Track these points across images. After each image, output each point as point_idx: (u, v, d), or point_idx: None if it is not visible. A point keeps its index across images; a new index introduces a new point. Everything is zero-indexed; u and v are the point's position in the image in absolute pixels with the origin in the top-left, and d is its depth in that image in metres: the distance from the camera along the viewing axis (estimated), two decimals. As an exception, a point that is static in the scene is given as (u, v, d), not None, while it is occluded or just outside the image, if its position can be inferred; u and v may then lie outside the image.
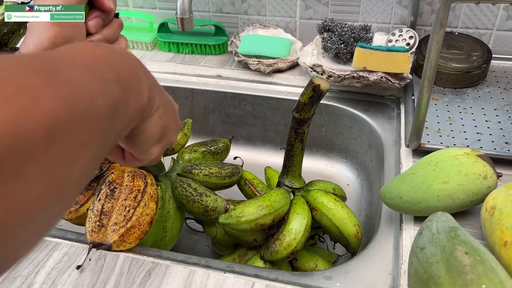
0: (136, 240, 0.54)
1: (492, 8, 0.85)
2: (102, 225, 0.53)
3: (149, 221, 0.54)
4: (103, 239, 0.53)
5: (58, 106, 0.21)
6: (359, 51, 0.75)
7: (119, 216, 0.53)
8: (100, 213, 0.54)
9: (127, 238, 0.53)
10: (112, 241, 0.53)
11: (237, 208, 0.57)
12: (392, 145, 0.74)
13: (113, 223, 0.53)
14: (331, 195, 0.62)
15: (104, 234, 0.53)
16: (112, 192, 0.56)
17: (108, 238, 0.53)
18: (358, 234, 0.60)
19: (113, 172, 0.59)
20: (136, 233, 0.53)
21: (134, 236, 0.53)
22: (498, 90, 0.79)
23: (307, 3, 0.92)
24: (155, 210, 0.56)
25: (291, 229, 0.57)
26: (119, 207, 0.54)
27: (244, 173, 0.72)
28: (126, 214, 0.53)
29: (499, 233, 0.46)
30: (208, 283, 0.53)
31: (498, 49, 0.88)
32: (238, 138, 0.96)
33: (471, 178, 0.53)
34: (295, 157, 0.60)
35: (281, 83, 0.88)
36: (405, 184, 0.55)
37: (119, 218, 0.53)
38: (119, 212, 0.54)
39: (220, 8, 0.98)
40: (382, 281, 0.53)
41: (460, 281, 0.39)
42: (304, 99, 0.54)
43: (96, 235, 0.53)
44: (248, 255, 0.67)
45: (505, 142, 0.67)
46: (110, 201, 0.55)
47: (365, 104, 0.83)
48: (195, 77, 0.92)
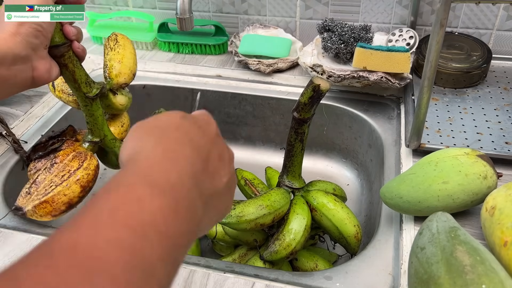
0: (47, 215, 0.55)
1: (492, 8, 0.85)
2: (29, 193, 0.55)
3: (65, 201, 0.55)
4: (24, 205, 0.55)
5: None
6: (359, 51, 0.75)
7: (42, 189, 0.55)
8: (32, 182, 0.56)
9: (38, 211, 0.54)
10: (26, 209, 0.55)
11: (237, 207, 0.57)
12: (392, 145, 0.74)
13: (35, 194, 0.55)
14: (331, 196, 0.62)
15: (27, 201, 0.55)
16: (51, 166, 0.57)
17: (26, 206, 0.55)
18: (357, 234, 0.60)
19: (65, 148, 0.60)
20: (47, 209, 0.54)
21: (44, 210, 0.54)
22: (498, 90, 0.79)
23: (307, 3, 0.92)
24: (77, 194, 0.56)
25: (290, 229, 0.57)
26: (48, 181, 0.56)
27: (244, 173, 0.72)
28: (47, 188, 0.55)
29: (499, 233, 0.46)
30: (208, 283, 0.53)
31: (498, 49, 0.88)
32: (238, 138, 0.96)
33: (471, 178, 0.53)
34: (295, 157, 0.60)
35: (281, 83, 0.88)
36: (405, 184, 0.55)
37: (40, 191, 0.55)
38: (44, 185, 0.55)
39: (220, 8, 0.98)
40: (382, 281, 0.53)
41: (460, 281, 0.39)
42: (304, 99, 0.54)
43: (21, 200, 0.55)
44: (248, 255, 0.67)
45: (505, 142, 0.67)
46: (45, 173, 0.57)
47: (365, 104, 0.83)
48: (195, 77, 0.92)
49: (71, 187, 0.55)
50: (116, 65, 0.63)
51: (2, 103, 0.85)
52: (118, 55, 0.63)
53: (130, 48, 0.66)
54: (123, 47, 0.65)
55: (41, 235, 0.60)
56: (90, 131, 0.60)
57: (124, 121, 0.69)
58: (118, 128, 0.67)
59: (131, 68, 0.64)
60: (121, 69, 0.63)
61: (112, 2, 1.03)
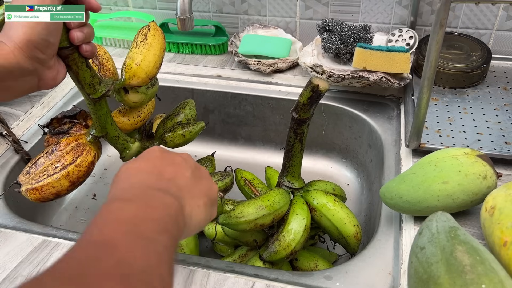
0: (36, 200, 0.57)
1: (492, 8, 0.85)
2: (29, 172, 0.58)
3: (53, 192, 0.57)
4: (22, 183, 0.57)
5: None
6: (359, 51, 0.75)
7: (37, 174, 0.57)
8: (34, 163, 0.58)
9: (29, 195, 0.57)
10: (21, 189, 0.57)
11: (237, 208, 0.57)
12: (392, 145, 0.74)
13: (31, 177, 0.57)
14: (330, 196, 0.62)
15: (24, 181, 0.57)
16: (52, 152, 0.59)
17: (22, 185, 0.57)
18: (357, 234, 0.60)
19: (69, 136, 0.61)
20: (36, 195, 0.57)
21: (34, 196, 0.57)
22: (498, 90, 0.79)
23: (307, 3, 0.92)
24: (65, 187, 0.57)
25: (290, 230, 0.57)
26: (44, 168, 0.58)
27: (244, 173, 0.72)
28: (41, 176, 0.57)
29: (499, 233, 0.46)
30: (208, 283, 0.53)
31: (498, 49, 0.88)
32: (238, 138, 0.96)
33: (471, 178, 0.53)
34: (294, 157, 0.60)
35: (281, 83, 0.88)
36: (405, 184, 0.55)
37: (35, 176, 0.57)
38: (40, 171, 0.57)
39: (220, 8, 0.98)
40: (382, 281, 0.53)
41: (460, 281, 0.39)
42: (303, 100, 0.54)
43: (22, 177, 0.58)
44: (248, 256, 0.67)
45: (505, 142, 0.67)
46: (45, 158, 0.59)
47: (365, 104, 0.83)
48: (195, 77, 0.92)
49: (60, 181, 0.56)
50: (133, 66, 0.59)
51: (2, 103, 0.85)
52: (139, 55, 0.59)
53: (156, 49, 0.61)
54: (148, 47, 0.60)
55: (41, 235, 0.60)
56: (94, 126, 0.60)
57: (143, 111, 0.67)
58: (133, 119, 0.65)
59: (148, 73, 0.60)
60: (136, 71, 0.59)
61: (112, 2, 1.03)
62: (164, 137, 0.68)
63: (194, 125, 0.69)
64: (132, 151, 0.65)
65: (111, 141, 0.62)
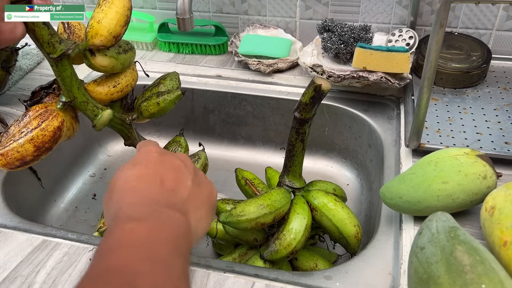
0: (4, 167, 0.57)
1: (492, 8, 0.85)
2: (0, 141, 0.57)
3: (18, 158, 0.56)
4: None
5: None
6: (359, 51, 0.75)
7: (6, 141, 0.57)
8: (6, 130, 0.59)
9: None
10: None
11: (238, 207, 0.57)
12: (392, 145, 0.74)
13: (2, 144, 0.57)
14: (331, 196, 0.62)
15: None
16: (21, 119, 0.59)
17: None
18: (358, 234, 0.60)
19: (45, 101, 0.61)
20: (3, 161, 0.56)
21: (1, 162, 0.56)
22: (498, 90, 0.79)
23: (307, 3, 0.92)
24: (30, 153, 0.56)
25: (291, 229, 0.57)
26: (12, 134, 0.57)
27: (245, 173, 0.72)
28: (8, 141, 0.57)
29: (499, 233, 0.46)
30: (208, 283, 0.53)
31: (498, 49, 0.88)
32: (238, 138, 0.96)
33: (471, 178, 0.53)
34: (295, 157, 0.60)
35: (281, 83, 0.89)
36: (405, 184, 0.55)
37: (4, 142, 0.57)
38: (9, 138, 0.57)
39: (220, 8, 0.98)
40: (382, 281, 0.53)
41: (460, 281, 0.39)
42: (305, 99, 0.54)
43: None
44: (248, 254, 0.67)
45: (504, 142, 0.67)
46: (15, 125, 0.58)
47: (365, 104, 0.83)
48: (195, 77, 0.92)
49: (24, 145, 0.56)
50: (95, 24, 0.57)
51: (2, 103, 0.85)
52: (100, 14, 0.57)
53: (119, 6, 0.58)
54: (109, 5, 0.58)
55: (41, 235, 0.60)
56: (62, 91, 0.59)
57: (121, 81, 0.64)
58: (108, 89, 0.62)
59: (111, 30, 0.57)
60: (98, 29, 0.56)
61: (112, 2, 1.03)
62: (140, 107, 0.65)
63: (169, 93, 0.66)
64: (103, 119, 0.62)
65: (80, 107, 0.60)
